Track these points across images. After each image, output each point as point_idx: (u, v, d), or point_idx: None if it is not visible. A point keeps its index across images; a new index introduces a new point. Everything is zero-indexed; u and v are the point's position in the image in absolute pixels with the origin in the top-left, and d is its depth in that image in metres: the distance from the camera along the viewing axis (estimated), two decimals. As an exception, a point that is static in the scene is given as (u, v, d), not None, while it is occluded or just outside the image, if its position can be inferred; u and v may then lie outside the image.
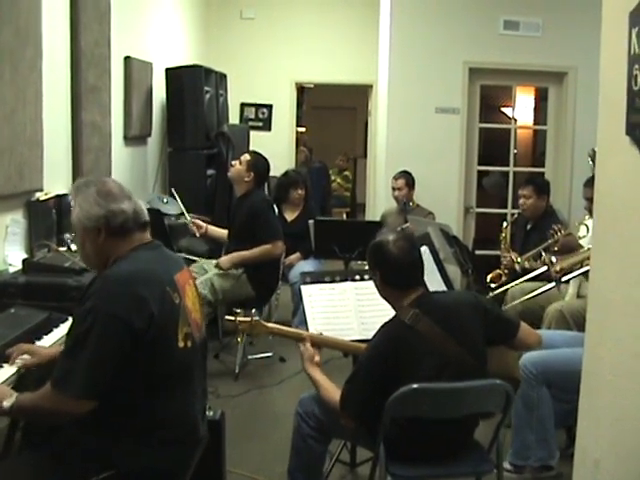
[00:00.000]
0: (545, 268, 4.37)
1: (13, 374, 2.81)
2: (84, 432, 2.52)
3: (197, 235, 6.06)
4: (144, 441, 2.54)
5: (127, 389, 2.49)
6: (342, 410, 3.05)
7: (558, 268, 4.00)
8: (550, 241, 5.05)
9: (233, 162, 6.00)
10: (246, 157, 5.89)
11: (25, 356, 2.95)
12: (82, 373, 2.39)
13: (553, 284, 4.49)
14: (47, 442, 2.62)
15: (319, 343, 3.42)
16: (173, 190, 6.40)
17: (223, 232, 6.12)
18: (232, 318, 3.52)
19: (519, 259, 5.49)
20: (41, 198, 4.57)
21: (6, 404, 2.48)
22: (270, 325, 3.60)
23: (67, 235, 4.54)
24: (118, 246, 2.60)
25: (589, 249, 4.03)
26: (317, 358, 3.33)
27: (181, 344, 2.58)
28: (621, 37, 2.33)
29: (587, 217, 5.18)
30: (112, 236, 2.59)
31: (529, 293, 5.06)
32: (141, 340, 2.44)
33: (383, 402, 2.89)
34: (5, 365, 2.87)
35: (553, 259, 4.07)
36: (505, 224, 6.04)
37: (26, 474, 2.53)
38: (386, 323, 3.04)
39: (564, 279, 4.23)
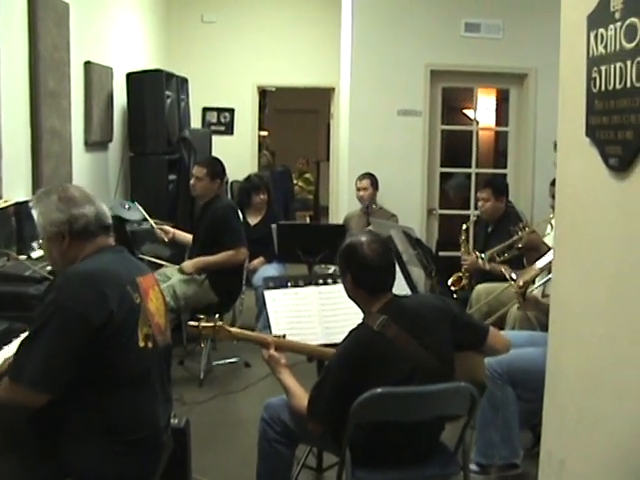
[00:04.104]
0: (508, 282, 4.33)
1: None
2: (45, 435, 2.51)
3: (165, 240, 6.02)
4: (105, 444, 2.52)
5: (88, 386, 2.49)
6: (310, 416, 3.03)
7: (521, 283, 3.98)
8: (515, 237, 5.05)
9: (192, 181, 5.90)
10: (202, 171, 5.80)
11: None
12: (36, 363, 2.41)
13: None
14: (10, 448, 2.60)
15: (283, 347, 3.39)
16: (136, 203, 6.38)
17: (190, 237, 6.08)
18: (195, 324, 3.48)
19: (483, 255, 5.50)
20: (0, 206, 4.50)
21: None
22: (234, 330, 3.57)
23: (34, 244, 4.50)
24: (83, 248, 2.64)
25: (549, 254, 4.05)
26: (283, 360, 3.31)
27: (141, 344, 2.60)
28: (580, 40, 2.35)
29: (552, 215, 5.19)
30: (76, 239, 2.63)
31: (493, 294, 5.07)
32: (101, 336, 2.45)
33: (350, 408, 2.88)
34: None
35: (513, 275, 4.05)
36: (465, 226, 6.05)
37: None
38: (354, 329, 3.00)
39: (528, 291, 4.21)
